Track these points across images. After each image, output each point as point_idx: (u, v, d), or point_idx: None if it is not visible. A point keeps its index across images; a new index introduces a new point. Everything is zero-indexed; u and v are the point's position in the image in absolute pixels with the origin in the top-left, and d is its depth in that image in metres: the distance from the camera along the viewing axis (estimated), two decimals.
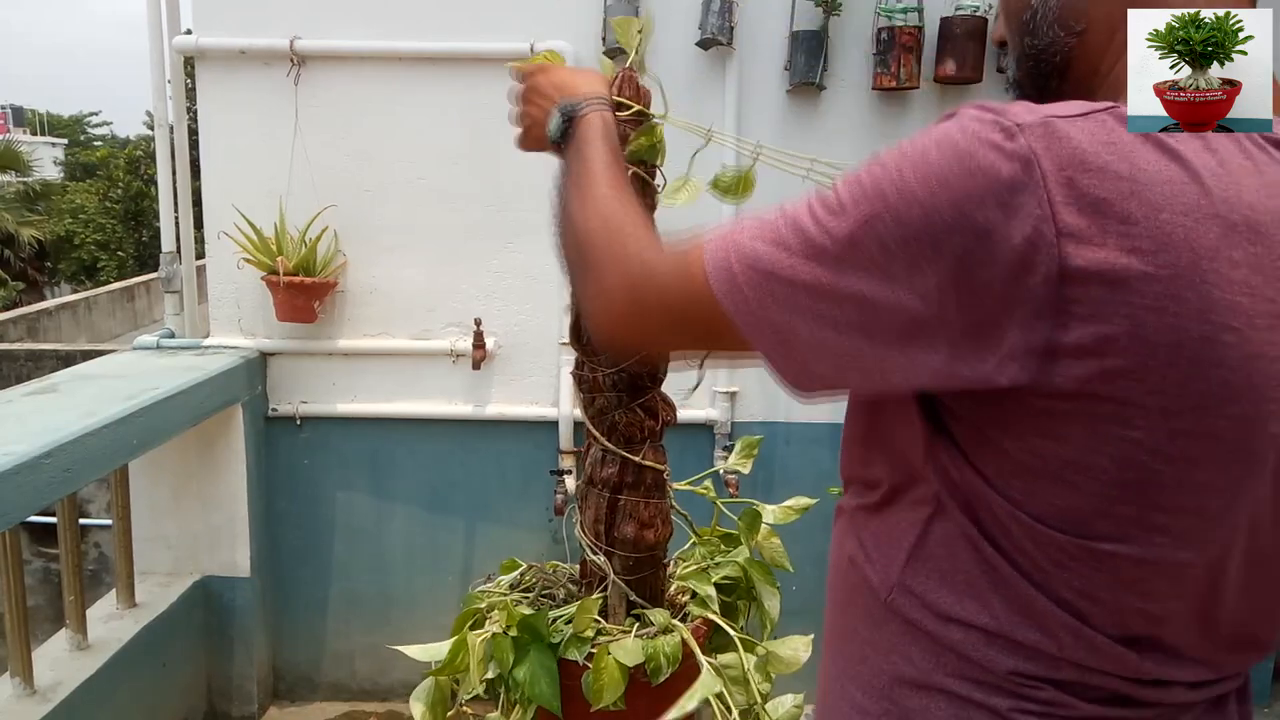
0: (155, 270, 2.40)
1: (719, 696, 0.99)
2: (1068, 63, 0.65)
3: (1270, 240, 0.52)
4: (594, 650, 1.02)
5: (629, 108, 1.04)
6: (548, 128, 0.88)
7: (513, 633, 1.04)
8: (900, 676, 0.65)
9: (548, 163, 2.51)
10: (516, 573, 1.26)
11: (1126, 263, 0.50)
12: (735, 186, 1.05)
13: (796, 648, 1.11)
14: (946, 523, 0.62)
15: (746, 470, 1.32)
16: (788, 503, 1.29)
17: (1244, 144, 0.55)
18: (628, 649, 1.00)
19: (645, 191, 1.06)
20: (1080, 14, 0.64)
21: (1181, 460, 0.53)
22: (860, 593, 0.68)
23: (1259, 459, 0.54)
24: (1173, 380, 0.51)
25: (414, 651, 1.10)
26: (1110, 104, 0.54)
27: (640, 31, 1.04)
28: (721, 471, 1.46)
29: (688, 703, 0.95)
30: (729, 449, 2.25)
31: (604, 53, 2.15)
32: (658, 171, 1.09)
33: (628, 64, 1.06)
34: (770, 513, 1.25)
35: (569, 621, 1.06)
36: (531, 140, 0.94)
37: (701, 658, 1.03)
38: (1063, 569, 0.58)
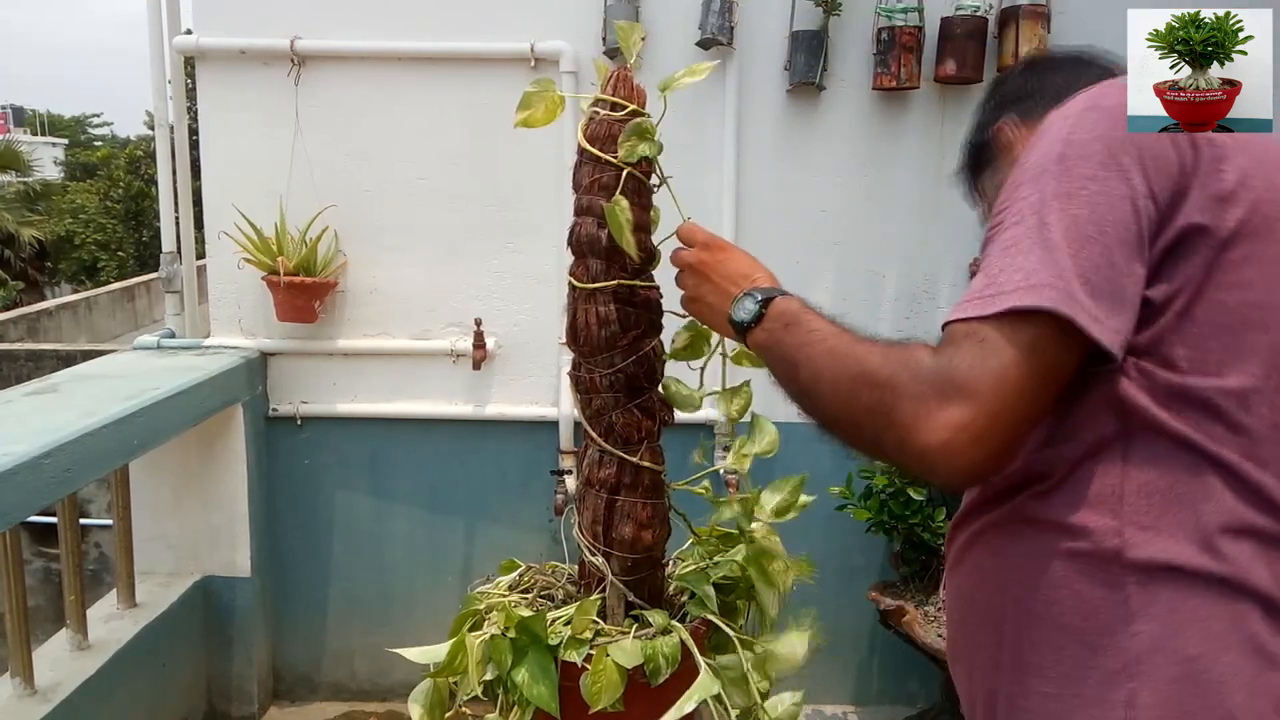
0: (156, 270, 2.40)
1: (717, 698, 0.99)
2: None
3: None
4: (592, 651, 1.02)
5: (624, 107, 1.04)
6: (733, 310, 0.87)
7: (511, 634, 1.03)
8: (1145, 649, 0.64)
9: (547, 163, 2.50)
10: (516, 573, 1.26)
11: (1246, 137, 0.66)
12: (689, 349, 1.09)
13: (794, 645, 1.11)
14: (1143, 441, 0.66)
15: (745, 469, 1.31)
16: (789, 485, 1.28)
17: None
18: (626, 650, 1.00)
19: (641, 192, 1.06)
20: None
21: None
22: (1071, 582, 0.67)
23: None
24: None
25: (412, 654, 1.10)
26: None
27: (643, 38, 1.04)
28: (721, 471, 1.46)
29: (685, 705, 0.95)
30: (729, 449, 2.24)
31: (604, 52, 2.15)
32: (653, 172, 1.08)
33: (626, 64, 1.06)
34: (769, 508, 1.24)
35: (568, 622, 1.06)
36: (697, 312, 0.96)
37: (700, 658, 1.03)
38: (1276, 429, 0.64)
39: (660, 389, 1.11)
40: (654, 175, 1.08)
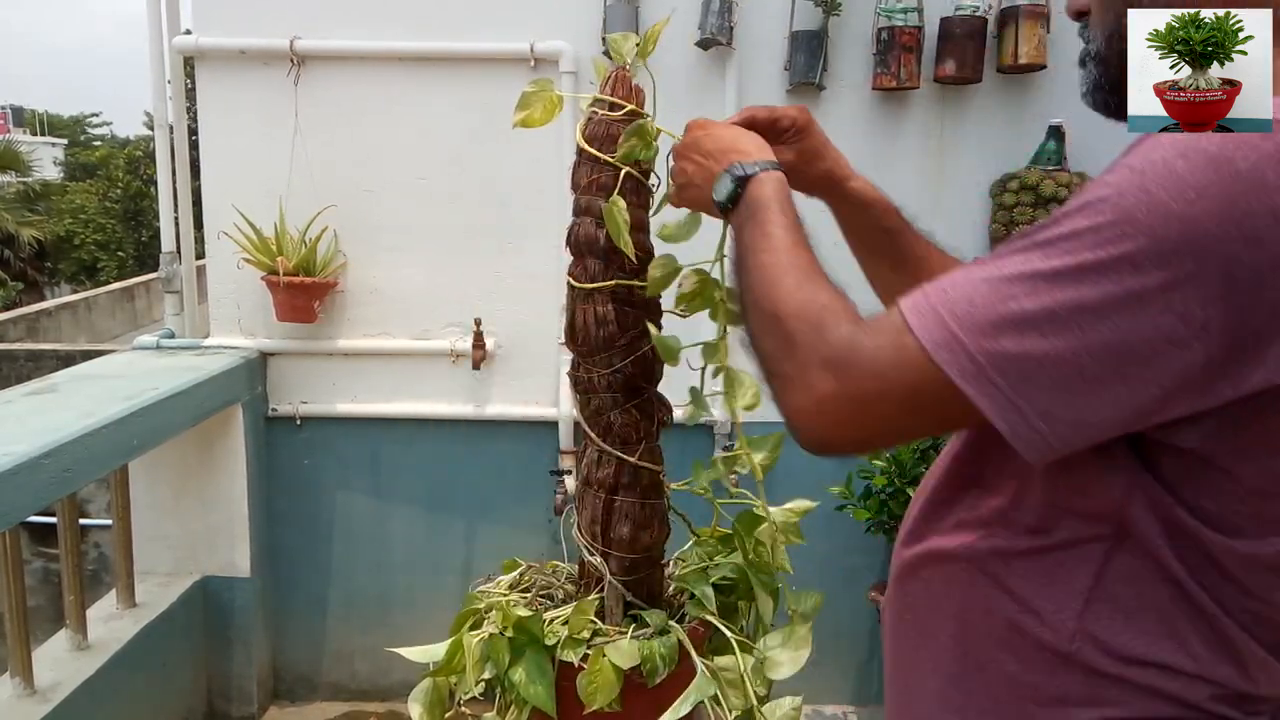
0: (155, 270, 2.40)
1: (714, 699, 0.99)
2: None
3: None
4: (589, 651, 1.02)
5: (622, 108, 1.04)
6: (713, 190, 0.81)
7: (508, 634, 1.04)
8: None
9: (547, 163, 2.49)
10: (516, 572, 1.26)
11: None
12: (681, 232, 1.00)
13: (796, 649, 1.11)
14: (1129, 557, 0.58)
15: (745, 471, 1.31)
16: (788, 505, 1.28)
17: None
18: (623, 650, 1.00)
19: (639, 192, 1.06)
20: None
21: None
22: (1017, 649, 0.63)
23: None
24: None
25: (411, 653, 1.10)
26: None
27: (646, 38, 1.04)
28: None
29: (682, 706, 0.95)
30: (729, 449, 2.24)
31: (603, 52, 2.15)
32: (653, 172, 1.08)
33: (624, 65, 1.06)
34: (770, 514, 1.24)
35: (565, 622, 1.06)
36: (689, 199, 0.89)
37: (697, 659, 1.03)
38: (1259, 586, 0.56)
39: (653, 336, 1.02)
40: (653, 175, 1.08)
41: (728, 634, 1.09)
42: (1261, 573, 0.57)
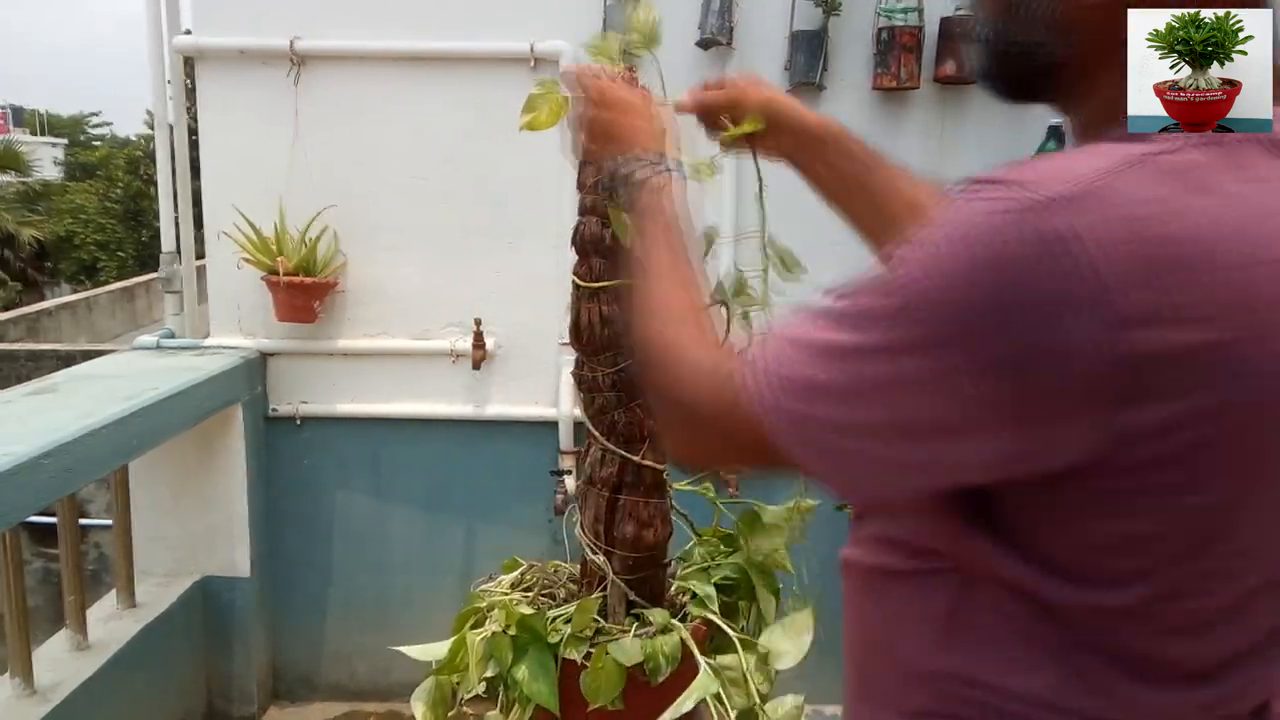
0: (155, 270, 2.40)
1: (717, 697, 0.99)
2: (1053, 68, 0.60)
3: None
4: (592, 650, 1.02)
5: None
6: (604, 179, 0.84)
7: (512, 632, 1.04)
8: None
9: (547, 163, 2.49)
10: (517, 572, 1.26)
11: (1191, 337, 0.46)
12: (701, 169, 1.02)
13: (798, 634, 1.11)
14: (982, 593, 0.59)
15: (746, 470, 1.31)
16: (789, 504, 1.29)
17: (1270, 157, 0.52)
18: (626, 649, 1.00)
19: None
20: (1076, 24, 0.58)
21: (1255, 508, 0.52)
22: (891, 661, 0.65)
23: None
24: (1252, 441, 0.49)
25: (413, 651, 1.11)
26: (1142, 148, 0.51)
27: (645, 33, 1.04)
28: (721, 471, 1.46)
29: (684, 703, 0.96)
30: None
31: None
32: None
33: (629, 66, 1.06)
34: (770, 513, 1.25)
35: (568, 621, 1.06)
36: (590, 162, 0.91)
37: (700, 657, 1.03)
38: (1121, 628, 0.56)
39: None
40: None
41: (730, 633, 1.09)
42: (1113, 617, 0.56)
